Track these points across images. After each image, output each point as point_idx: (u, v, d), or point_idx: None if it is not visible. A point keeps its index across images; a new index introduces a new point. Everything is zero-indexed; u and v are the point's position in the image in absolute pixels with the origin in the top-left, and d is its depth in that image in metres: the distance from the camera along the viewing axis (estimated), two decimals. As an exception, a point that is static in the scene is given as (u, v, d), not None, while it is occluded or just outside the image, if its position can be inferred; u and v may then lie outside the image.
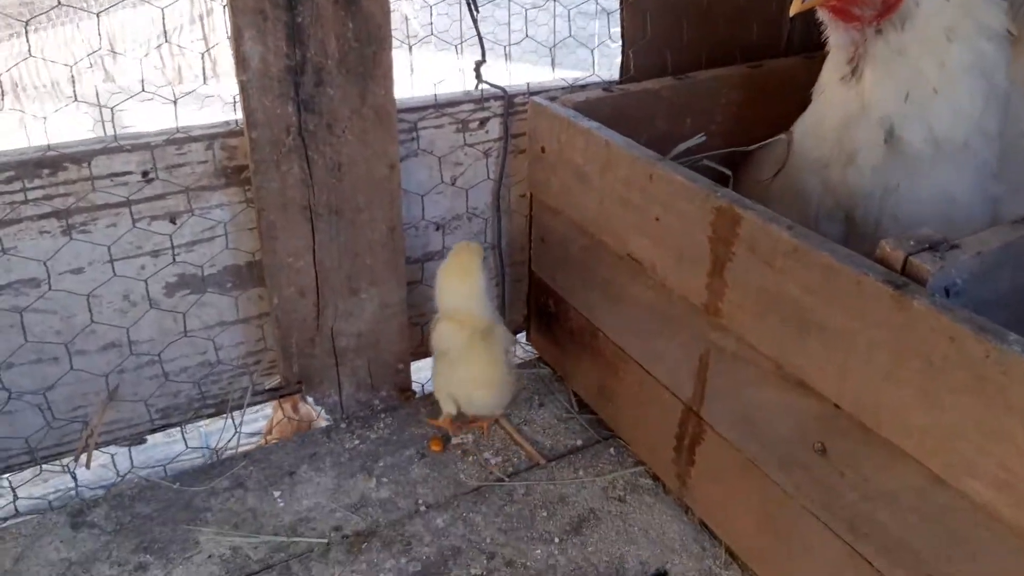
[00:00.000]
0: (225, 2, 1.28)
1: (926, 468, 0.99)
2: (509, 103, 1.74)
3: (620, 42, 1.82)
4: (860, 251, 1.08)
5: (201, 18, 3.16)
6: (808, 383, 1.14)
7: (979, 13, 1.31)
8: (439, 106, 1.66)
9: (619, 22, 1.80)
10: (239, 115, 1.42)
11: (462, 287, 1.54)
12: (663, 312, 1.42)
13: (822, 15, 1.41)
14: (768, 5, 1.93)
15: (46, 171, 1.33)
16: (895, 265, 1.03)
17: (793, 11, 1.33)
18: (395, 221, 1.57)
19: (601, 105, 1.64)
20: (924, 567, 1.04)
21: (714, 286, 1.26)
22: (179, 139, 1.41)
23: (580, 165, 1.53)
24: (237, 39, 1.28)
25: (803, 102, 1.79)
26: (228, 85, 1.47)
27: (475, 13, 1.65)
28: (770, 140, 1.63)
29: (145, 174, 1.41)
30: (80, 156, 1.35)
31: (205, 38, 3.15)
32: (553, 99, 1.64)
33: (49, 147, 1.33)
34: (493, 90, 1.72)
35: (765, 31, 1.95)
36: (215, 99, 1.61)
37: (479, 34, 1.68)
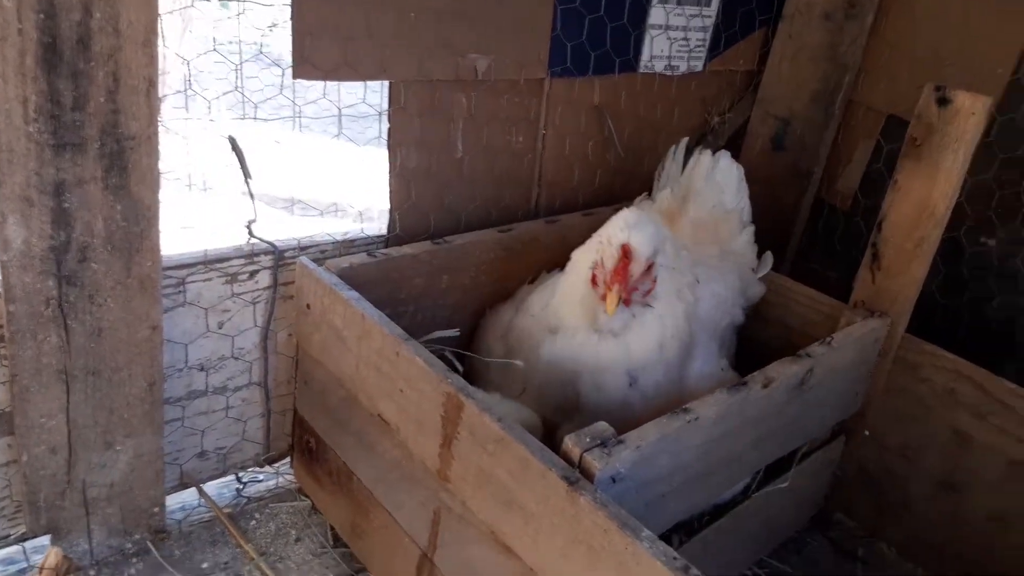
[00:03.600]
0: (-11, 185, 1.34)
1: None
2: (279, 257, 1.88)
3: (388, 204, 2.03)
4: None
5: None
6: (513, 549, 1.36)
7: (686, 271, 1.76)
8: (208, 262, 1.77)
9: (387, 187, 2.01)
10: (-4, 278, 1.45)
11: None
12: (406, 469, 1.60)
13: (610, 302, 1.60)
14: (520, 174, 2.23)
15: None
16: (574, 460, 1.28)
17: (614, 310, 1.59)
18: (155, 377, 1.65)
19: (365, 270, 1.83)
20: None
21: (444, 456, 1.47)
22: (-72, 304, 1.42)
23: (340, 329, 1.70)
24: (1, 222, 1.34)
25: (547, 259, 2.11)
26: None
27: (248, 179, 1.79)
28: (506, 361, 1.86)
29: None
30: None
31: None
32: (320, 262, 1.81)
33: None
34: (264, 245, 1.86)
35: (517, 195, 2.25)
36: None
37: (251, 194, 1.82)
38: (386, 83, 1.88)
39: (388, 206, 2.03)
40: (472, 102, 2.03)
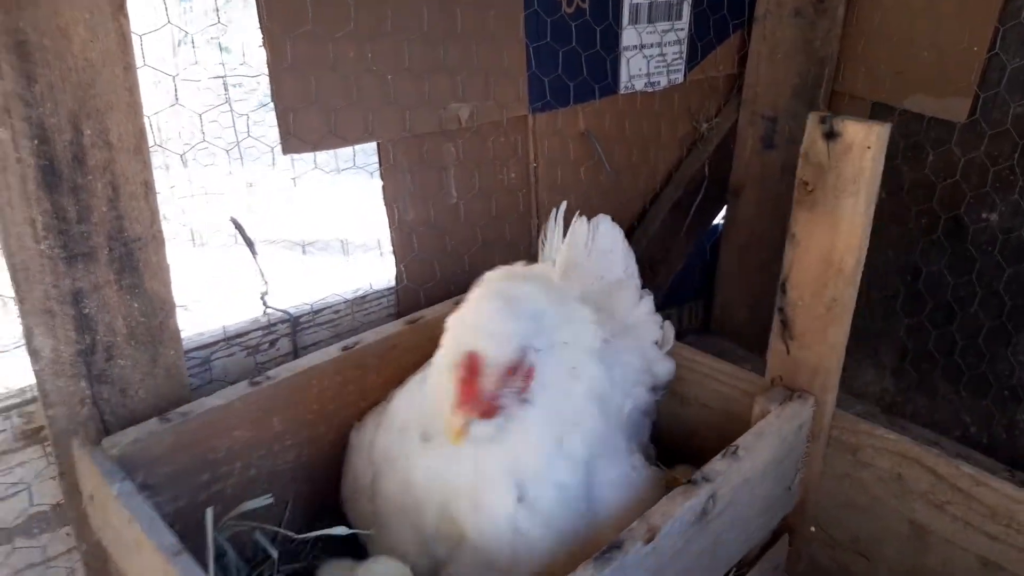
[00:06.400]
0: (16, 302, 1.43)
1: None
2: (296, 323, 1.96)
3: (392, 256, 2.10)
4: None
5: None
6: None
7: (584, 337, 1.40)
8: (229, 338, 1.85)
9: (390, 240, 2.08)
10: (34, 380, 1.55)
11: None
12: None
13: (452, 428, 1.30)
14: (517, 208, 2.29)
15: None
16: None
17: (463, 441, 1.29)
18: (193, 455, 1.72)
19: (157, 441, 1.48)
20: None
21: None
22: (-26, 417, 1.52)
23: (119, 531, 1.36)
24: (29, 335, 1.43)
25: (413, 366, 1.70)
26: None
27: (254, 254, 1.87)
28: (325, 532, 1.51)
29: (-57, 454, 1.50)
30: None
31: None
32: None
33: None
34: (279, 314, 1.94)
35: (517, 229, 2.31)
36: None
37: (260, 269, 1.90)
38: (374, 144, 1.96)
39: (393, 259, 2.10)
40: (460, 148, 2.09)
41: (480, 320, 1.30)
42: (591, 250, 1.83)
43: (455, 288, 2.08)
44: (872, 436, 1.60)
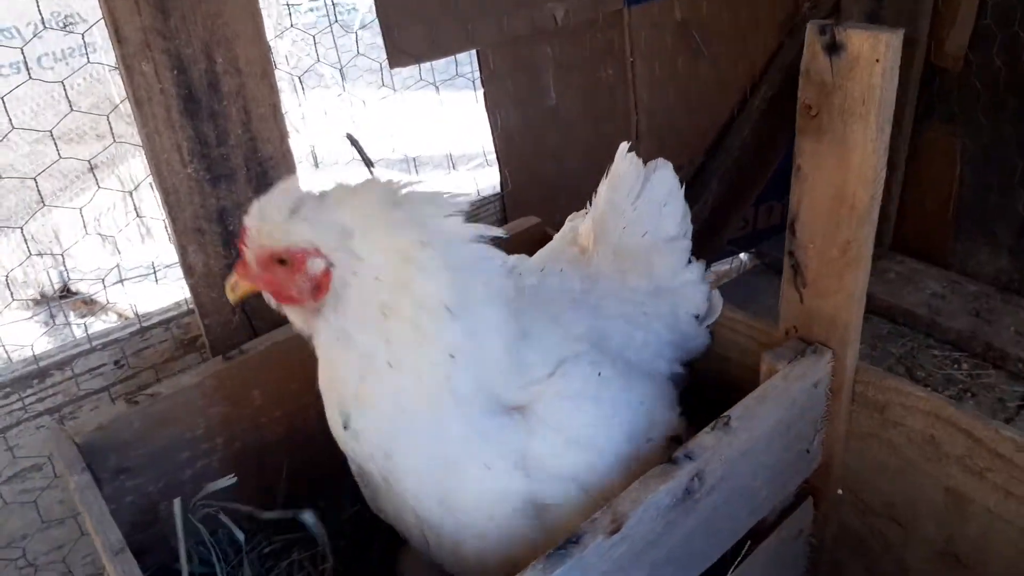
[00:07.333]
0: (167, 223, 1.58)
1: None
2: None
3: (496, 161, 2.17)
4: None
5: (131, 195, 3.38)
6: None
7: (416, 288, 1.19)
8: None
9: (493, 147, 2.14)
10: (188, 295, 1.71)
11: None
12: None
13: (267, 298, 1.29)
14: (616, 107, 2.30)
15: (36, 380, 1.61)
16: None
17: (233, 299, 1.29)
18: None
19: (127, 424, 1.41)
20: None
21: None
22: (142, 329, 1.70)
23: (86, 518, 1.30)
24: (183, 253, 1.58)
25: None
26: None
27: (371, 167, 1.97)
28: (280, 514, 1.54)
29: (117, 363, 1.69)
30: (63, 362, 1.63)
31: (137, 210, 3.37)
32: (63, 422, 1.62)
33: (36, 359, 1.61)
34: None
35: (617, 128, 2.32)
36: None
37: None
38: (473, 52, 1.99)
39: (497, 165, 2.17)
40: (556, 49, 2.11)
41: (268, 197, 1.22)
42: (640, 198, 1.60)
43: (558, 192, 2.14)
44: (901, 393, 1.42)
